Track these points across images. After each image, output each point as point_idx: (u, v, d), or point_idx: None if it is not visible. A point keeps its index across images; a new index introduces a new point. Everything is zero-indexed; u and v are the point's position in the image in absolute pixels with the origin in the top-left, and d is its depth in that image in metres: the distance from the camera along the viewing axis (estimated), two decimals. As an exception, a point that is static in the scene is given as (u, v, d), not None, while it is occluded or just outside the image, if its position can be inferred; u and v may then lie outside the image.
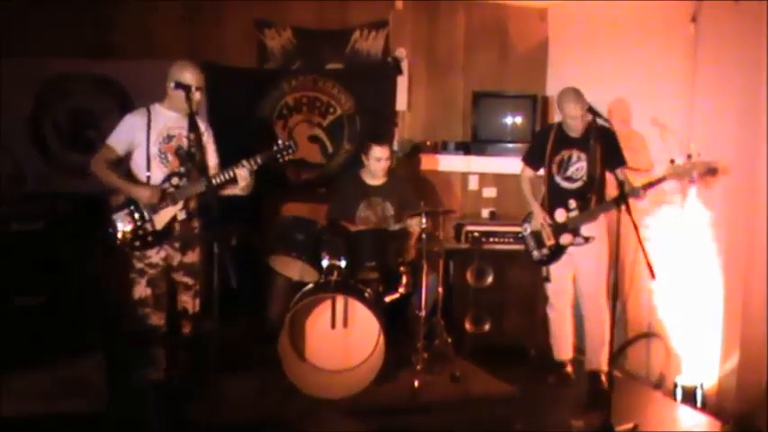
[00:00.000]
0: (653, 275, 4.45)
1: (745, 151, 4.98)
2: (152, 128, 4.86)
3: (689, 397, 5.38)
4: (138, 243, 4.86)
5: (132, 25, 6.52)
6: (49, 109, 6.44)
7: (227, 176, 4.89)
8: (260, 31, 6.91)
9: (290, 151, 5.08)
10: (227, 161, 5.05)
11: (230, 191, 5.02)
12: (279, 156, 5.07)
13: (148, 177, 4.87)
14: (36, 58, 6.33)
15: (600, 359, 5.50)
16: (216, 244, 4.39)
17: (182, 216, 4.96)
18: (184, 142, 4.93)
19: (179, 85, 4.73)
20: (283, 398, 5.22)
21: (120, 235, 4.84)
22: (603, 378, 5.46)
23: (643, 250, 4.48)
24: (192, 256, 5.09)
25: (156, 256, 4.94)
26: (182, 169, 4.94)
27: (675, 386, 5.49)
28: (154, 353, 5.00)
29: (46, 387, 5.24)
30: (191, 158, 4.92)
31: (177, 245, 5.00)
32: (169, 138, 4.92)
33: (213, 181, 4.83)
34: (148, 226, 4.86)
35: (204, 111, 6.11)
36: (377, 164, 6.13)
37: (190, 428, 4.72)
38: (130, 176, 4.91)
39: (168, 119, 4.94)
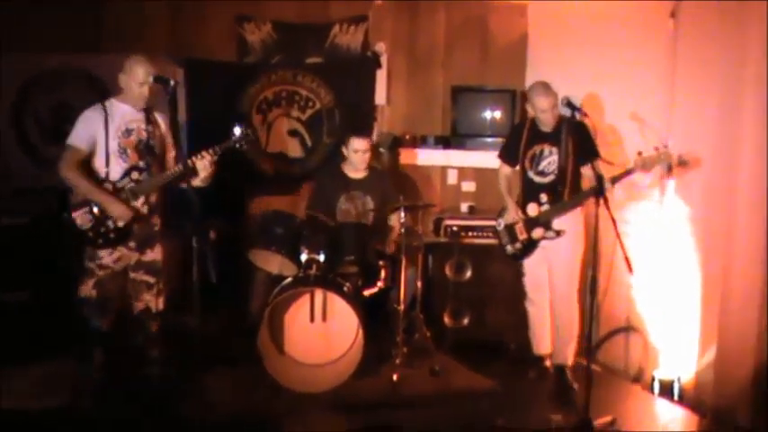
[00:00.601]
0: (631, 269, 4.47)
1: (725, 147, 5.00)
2: (110, 123, 4.73)
3: (667, 390, 5.41)
4: (100, 241, 4.74)
5: (115, 21, 6.51)
6: (30, 104, 6.44)
7: (186, 167, 4.72)
8: (240, 26, 6.90)
9: (249, 138, 5.01)
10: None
11: (193, 182, 4.81)
12: (237, 144, 4.96)
13: (107, 173, 4.73)
14: (18, 54, 6.31)
15: (566, 354, 5.55)
16: (195, 238, 4.38)
17: (143, 210, 4.82)
18: (144, 136, 4.83)
19: (157, 79, 4.64)
20: (263, 392, 5.21)
21: (79, 232, 4.72)
22: (569, 372, 5.52)
23: (621, 244, 4.50)
24: (152, 254, 4.96)
25: (108, 257, 4.80)
26: (141, 163, 4.81)
27: (653, 380, 5.51)
28: (94, 354, 4.88)
29: (31, 384, 5.22)
30: (150, 152, 4.83)
31: (133, 244, 4.85)
32: (128, 132, 4.79)
33: (170, 172, 4.81)
34: (110, 223, 4.72)
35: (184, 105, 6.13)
36: (356, 156, 6.13)
37: (171, 425, 4.71)
38: (90, 174, 4.74)
39: (125, 113, 4.81)
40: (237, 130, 4.96)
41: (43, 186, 6.10)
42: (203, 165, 4.79)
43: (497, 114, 7.04)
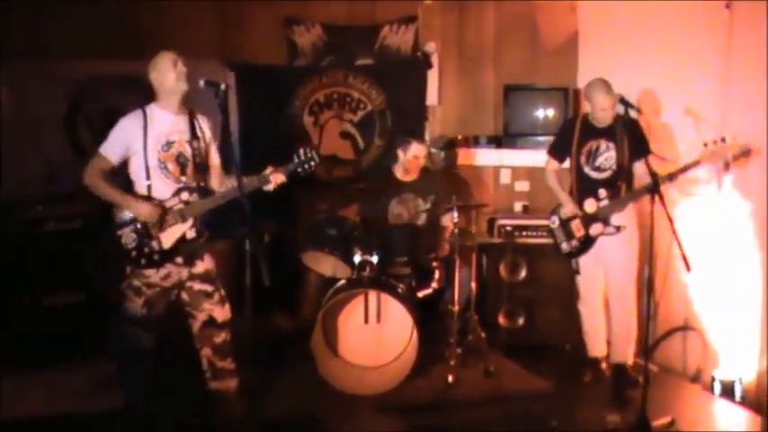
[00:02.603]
0: (688, 267, 4.39)
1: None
2: (149, 133, 4.48)
3: (728, 391, 5.31)
4: (143, 261, 4.50)
5: (164, 26, 6.56)
6: (82, 109, 6.52)
7: (242, 192, 4.33)
8: (289, 29, 6.93)
9: (313, 163, 4.74)
10: (259, 159, 4.95)
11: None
12: (300, 169, 4.72)
13: (149, 187, 4.50)
14: (70, 60, 6.41)
15: (625, 352, 5.46)
16: (248, 241, 4.37)
17: (191, 235, 4.58)
18: (186, 149, 4.58)
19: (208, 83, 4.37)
20: (317, 395, 5.21)
21: (124, 251, 4.51)
22: (630, 371, 5.43)
23: (678, 242, 4.42)
24: (203, 265, 4.70)
25: (155, 275, 4.56)
26: (191, 182, 4.57)
27: (713, 380, 5.41)
28: (139, 375, 4.67)
29: (82, 385, 5.30)
30: (198, 169, 4.61)
31: (180, 260, 4.60)
32: (168, 145, 4.53)
33: (221, 195, 4.62)
34: (154, 244, 4.50)
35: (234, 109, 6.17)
36: (413, 161, 6.13)
37: (223, 427, 4.74)
38: (129, 185, 4.55)
39: (165, 122, 4.56)
40: (302, 153, 4.71)
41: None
42: (269, 187, 4.64)
43: (550, 113, 6.98)
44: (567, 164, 5.60)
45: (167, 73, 4.53)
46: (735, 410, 5.16)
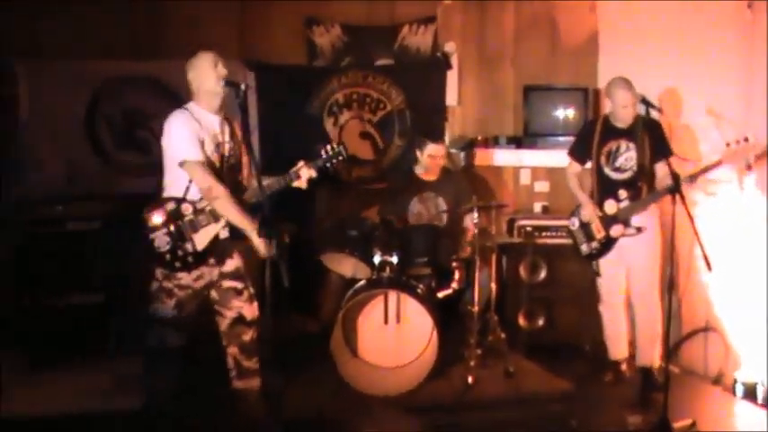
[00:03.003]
0: (709, 268, 4.36)
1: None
2: (204, 133, 4.41)
3: (749, 393, 5.28)
4: (177, 264, 4.43)
5: (183, 26, 6.60)
6: (103, 110, 6.55)
7: (263, 192, 4.28)
8: (309, 29, 6.94)
9: (341, 157, 4.75)
10: (278, 160, 4.96)
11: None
12: (329, 164, 4.74)
13: (187, 188, 4.40)
14: (91, 61, 6.44)
15: (651, 355, 5.43)
16: (268, 241, 4.35)
17: (224, 234, 4.50)
18: (227, 150, 4.55)
19: (229, 83, 4.42)
20: (336, 395, 5.22)
21: (157, 254, 4.43)
22: (656, 374, 5.39)
23: (699, 242, 4.39)
24: (233, 262, 4.65)
25: (187, 277, 4.49)
26: (225, 183, 4.46)
27: (735, 382, 5.38)
28: (167, 374, 4.61)
29: (103, 384, 5.33)
30: (233, 170, 4.59)
31: (212, 260, 4.54)
32: (218, 147, 4.49)
33: (252, 193, 4.53)
34: (188, 246, 4.44)
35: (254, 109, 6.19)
36: (431, 161, 6.14)
37: (244, 427, 4.75)
38: (160, 190, 4.49)
39: (211, 122, 4.49)
40: (330, 148, 4.72)
41: (114, 191, 6.22)
42: (299, 182, 4.61)
43: (570, 113, 6.96)
44: (588, 165, 5.58)
45: (208, 74, 4.46)
46: (757, 413, 5.12)
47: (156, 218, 4.42)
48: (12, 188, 6.26)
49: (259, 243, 4.36)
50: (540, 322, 6.38)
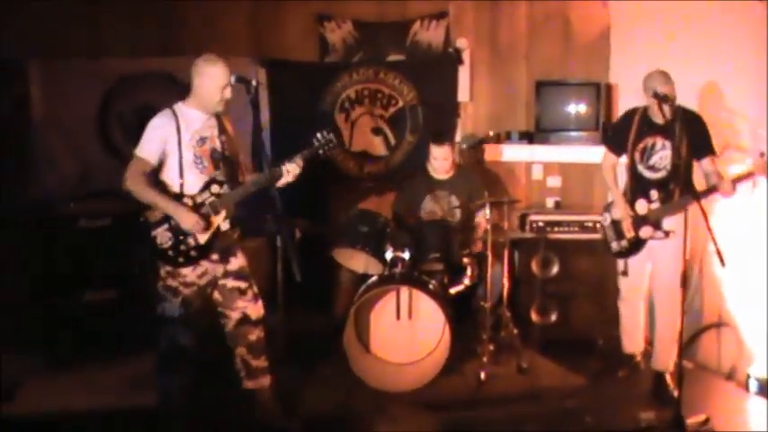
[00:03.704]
0: (723, 263, 4.32)
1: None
2: (182, 131, 4.42)
3: (763, 389, 5.25)
4: (181, 259, 4.44)
5: (196, 23, 6.61)
6: (114, 108, 6.57)
7: (272, 177, 4.48)
8: (320, 25, 6.94)
9: (331, 145, 4.78)
10: (290, 155, 4.93)
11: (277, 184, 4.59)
12: (321, 150, 4.76)
13: (182, 185, 4.44)
14: (103, 58, 6.46)
15: (667, 360, 5.31)
16: (279, 238, 4.36)
17: (225, 226, 4.51)
18: (218, 144, 4.54)
19: (240, 79, 4.46)
20: (349, 391, 5.23)
21: (160, 251, 4.44)
22: (669, 379, 5.31)
23: (713, 238, 4.35)
24: (237, 261, 4.66)
25: (192, 274, 4.49)
26: (219, 175, 4.51)
27: (748, 377, 5.35)
28: (180, 373, 4.59)
29: (116, 382, 5.35)
30: (227, 163, 4.57)
31: (216, 256, 4.55)
32: (202, 140, 4.48)
33: (251, 183, 4.55)
34: (191, 240, 4.43)
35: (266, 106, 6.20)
36: (436, 162, 6.14)
37: (256, 425, 4.76)
38: (161, 187, 4.45)
39: (196, 119, 4.49)
40: (320, 136, 4.76)
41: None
42: (290, 175, 4.60)
43: (582, 108, 6.93)
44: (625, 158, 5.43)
45: (217, 82, 4.45)
46: (771, 408, 5.11)
47: (156, 213, 4.44)
48: (26, 188, 6.29)
49: (184, 220, 4.36)
50: (553, 317, 6.37)
